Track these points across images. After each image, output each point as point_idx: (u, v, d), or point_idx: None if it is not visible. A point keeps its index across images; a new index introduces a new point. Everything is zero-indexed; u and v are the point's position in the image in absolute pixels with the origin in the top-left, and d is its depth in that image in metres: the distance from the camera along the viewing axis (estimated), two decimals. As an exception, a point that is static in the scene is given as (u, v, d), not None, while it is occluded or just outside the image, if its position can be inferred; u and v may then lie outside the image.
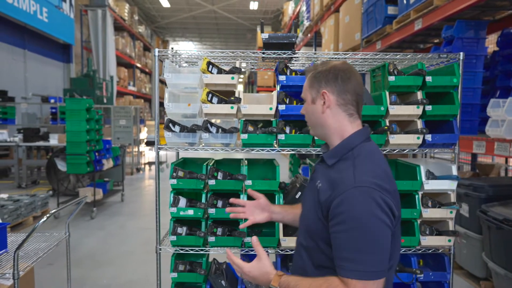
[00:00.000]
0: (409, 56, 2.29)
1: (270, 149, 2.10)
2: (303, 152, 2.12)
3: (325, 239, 1.13)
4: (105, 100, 10.77)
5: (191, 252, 2.15)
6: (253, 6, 18.23)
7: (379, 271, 1.04)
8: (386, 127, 2.05)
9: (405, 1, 4.55)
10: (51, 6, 10.89)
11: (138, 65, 16.57)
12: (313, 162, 2.47)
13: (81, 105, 5.31)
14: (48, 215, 2.09)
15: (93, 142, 5.53)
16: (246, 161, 2.26)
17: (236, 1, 17.68)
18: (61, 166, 5.93)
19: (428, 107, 2.08)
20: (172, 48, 2.34)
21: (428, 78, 2.08)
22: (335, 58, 2.35)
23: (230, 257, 1.21)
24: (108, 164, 6.04)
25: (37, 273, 3.42)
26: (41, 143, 7.29)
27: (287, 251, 2.15)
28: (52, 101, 9.02)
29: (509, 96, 3.78)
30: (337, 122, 1.19)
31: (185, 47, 27.13)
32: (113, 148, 6.45)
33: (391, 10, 5.02)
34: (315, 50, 9.44)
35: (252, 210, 1.57)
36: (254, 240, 1.22)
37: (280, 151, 2.11)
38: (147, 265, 3.58)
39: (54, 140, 7.22)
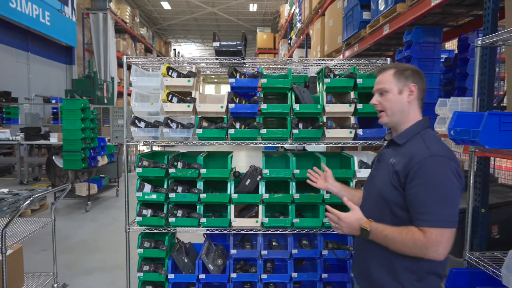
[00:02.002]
0: (353, 61, 2.60)
1: (223, 142, 2.43)
2: (252, 144, 2.45)
3: (399, 204, 1.38)
4: (105, 101, 11.17)
5: (156, 231, 2.49)
6: (253, 8, 18.58)
7: (452, 221, 1.28)
8: (321, 123, 2.37)
9: (376, 8, 4.85)
10: (53, 10, 11.32)
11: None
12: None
13: (77, 105, 5.68)
14: (32, 198, 2.45)
15: (88, 140, 5.90)
16: (205, 153, 2.59)
17: (236, 3, 18.03)
18: (59, 163, 6.30)
19: (359, 106, 2.39)
20: (145, 52, 2.67)
21: (359, 80, 2.39)
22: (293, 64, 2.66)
23: (330, 209, 1.52)
24: (103, 161, 6.41)
25: (31, 257, 3.79)
26: (41, 142, 7.68)
27: (238, 231, 2.48)
28: (54, 101, 9.43)
29: (465, 95, 4.09)
30: (413, 111, 1.47)
31: (187, 49, 27.56)
32: (108, 146, 6.82)
33: (366, 15, 5.31)
34: (307, 52, 9.75)
35: (319, 177, 1.94)
36: (345, 199, 1.55)
37: (231, 144, 2.44)
38: (133, 251, 3.92)
39: (54, 139, 7.61)
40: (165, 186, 2.48)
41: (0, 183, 7.85)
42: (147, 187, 2.46)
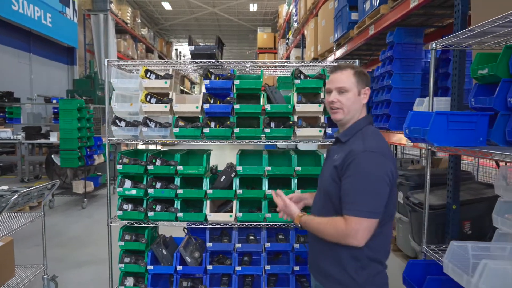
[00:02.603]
0: (327, 63, 2.71)
1: (199, 140, 2.55)
2: (226, 143, 2.57)
3: (337, 196, 1.49)
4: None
5: (136, 225, 2.62)
6: (253, 8, 18.69)
7: (372, 212, 1.38)
8: (292, 122, 2.49)
9: (362, 8, 4.95)
10: (54, 11, 11.53)
11: (141, 66, 17.16)
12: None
13: (73, 105, 5.85)
14: (17, 195, 2.59)
15: (84, 139, 6.07)
16: (185, 151, 2.72)
17: (236, 4, 18.14)
18: (58, 161, 6.48)
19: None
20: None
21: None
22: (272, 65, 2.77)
23: (280, 193, 1.71)
24: (99, 159, 6.58)
25: (25, 251, 3.96)
26: (41, 141, 7.87)
27: (213, 225, 2.61)
28: (54, 101, 9.62)
29: (448, 95, 4.18)
30: (363, 111, 1.60)
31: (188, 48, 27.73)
32: (105, 144, 6.98)
33: (354, 16, 5.40)
34: (302, 52, 9.85)
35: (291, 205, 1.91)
36: (279, 191, 1.73)
37: (206, 142, 2.56)
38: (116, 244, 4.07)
39: (53, 138, 7.79)
40: (144, 182, 2.61)
41: (2, 181, 8.06)
42: (128, 183, 2.60)
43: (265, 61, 2.70)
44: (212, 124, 2.55)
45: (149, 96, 2.51)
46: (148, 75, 2.52)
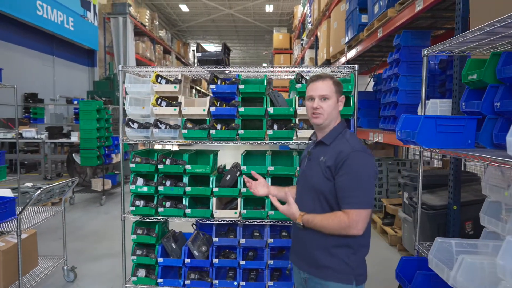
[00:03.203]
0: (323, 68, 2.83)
1: (206, 141, 2.72)
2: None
3: (332, 193, 1.62)
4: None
5: (147, 220, 2.81)
6: (269, 9, 18.82)
7: (368, 202, 1.56)
8: (293, 124, 2.62)
9: (371, 11, 5.01)
10: (76, 15, 11.98)
11: (158, 67, 17.55)
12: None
13: (92, 106, 6.13)
14: (40, 191, 2.82)
15: (103, 138, 6.35)
16: (193, 151, 2.89)
17: (252, 5, 18.31)
18: (78, 160, 6.80)
19: (328, 109, 2.62)
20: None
21: (328, 86, 2.62)
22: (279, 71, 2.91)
23: (272, 200, 1.78)
24: (117, 158, 6.86)
25: (48, 244, 4.22)
26: (63, 140, 8.25)
27: (219, 221, 2.76)
28: (75, 102, 10.03)
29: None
30: (338, 116, 1.77)
31: (206, 49, 28.06)
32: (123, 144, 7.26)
33: (364, 18, 5.47)
34: (316, 53, 9.90)
35: (258, 185, 2.03)
36: (288, 193, 1.78)
37: (213, 143, 2.72)
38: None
39: (74, 137, 8.15)
40: (155, 180, 2.79)
41: (27, 178, 8.48)
42: (140, 181, 2.79)
43: (267, 66, 2.84)
44: (219, 126, 2.71)
45: (159, 100, 2.69)
46: (159, 80, 2.70)
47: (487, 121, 1.87)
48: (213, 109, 2.66)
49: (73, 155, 7.09)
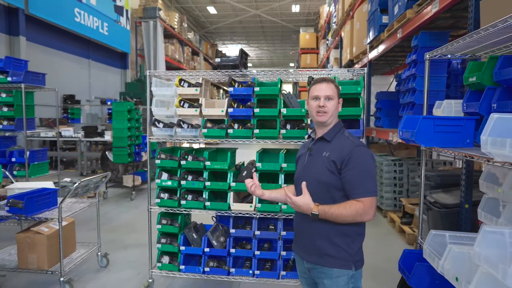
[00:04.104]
0: (334, 71, 2.98)
1: (224, 140, 2.94)
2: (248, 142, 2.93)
3: (336, 185, 1.78)
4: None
5: (171, 211, 3.08)
6: (295, 9, 18.89)
7: (375, 191, 1.74)
8: (305, 124, 2.79)
9: (391, 12, 5.06)
10: (110, 21, 12.64)
11: (186, 68, 18.12)
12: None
13: (124, 107, 6.55)
14: (76, 184, 3.15)
15: (133, 137, 6.76)
16: (213, 149, 3.13)
17: (278, 5, 18.46)
18: (111, 157, 7.27)
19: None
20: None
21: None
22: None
23: (287, 193, 1.88)
24: (146, 156, 7.26)
25: (85, 233, 4.61)
26: (97, 139, 8.80)
27: (236, 214, 2.98)
28: (109, 103, 10.62)
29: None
30: (337, 116, 1.94)
31: (233, 50, 28.50)
32: (152, 142, 7.67)
33: (385, 19, 5.52)
34: (341, 53, 9.93)
35: (257, 187, 2.10)
36: (304, 184, 1.86)
37: (230, 141, 2.95)
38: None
39: (107, 136, 8.67)
40: (178, 175, 3.05)
41: (65, 174, 9.10)
42: (164, 175, 3.06)
43: (281, 70, 3.02)
44: (236, 126, 2.93)
45: (182, 101, 2.95)
46: (182, 84, 2.95)
47: (484, 121, 1.96)
48: (230, 110, 2.89)
49: (106, 152, 7.58)
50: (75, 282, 3.35)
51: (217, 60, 2.90)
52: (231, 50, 28.94)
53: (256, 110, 2.87)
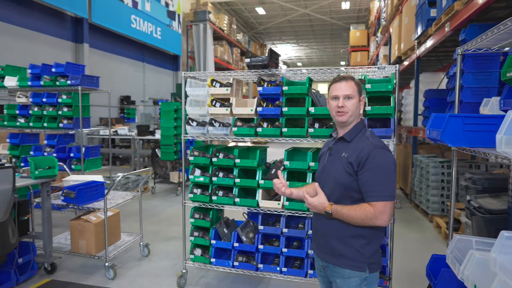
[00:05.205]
0: (361, 70, 2.92)
1: (251, 138, 3.01)
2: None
3: (353, 187, 1.75)
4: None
5: (203, 206, 3.22)
6: (345, 6, 18.41)
7: (391, 195, 1.68)
8: (333, 123, 2.77)
9: (439, 4, 4.78)
10: (163, 25, 13.34)
11: (235, 69, 18.50)
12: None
13: (171, 107, 6.91)
14: (120, 177, 3.41)
15: (179, 136, 7.10)
16: (245, 148, 3.21)
17: (328, 3, 18.14)
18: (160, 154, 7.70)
19: (368, 108, 2.71)
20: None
21: (368, 86, 2.71)
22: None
23: (304, 193, 1.93)
24: (191, 153, 7.58)
25: (131, 225, 4.96)
26: (149, 137, 9.34)
27: (265, 211, 3.04)
28: (160, 103, 11.22)
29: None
30: (359, 115, 1.91)
31: (282, 49, 28.51)
32: (196, 141, 7.99)
33: (433, 12, 5.23)
34: (390, 50, 9.53)
35: (284, 186, 2.10)
36: (317, 184, 1.94)
37: (255, 140, 3.01)
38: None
39: (158, 135, 9.17)
40: (210, 172, 3.18)
41: (120, 169, 9.80)
42: (197, 172, 3.21)
43: (309, 68, 3.01)
44: (265, 124, 2.98)
45: (214, 101, 3.07)
46: (213, 84, 3.08)
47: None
48: (259, 109, 2.95)
49: (156, 150, 8.03)
50: (118, 268, 3.64)
51: (247, 60, 2.98)
52: (280, 50, 28.97)
53: (285, 109, 2.89)
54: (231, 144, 12.66)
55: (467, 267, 1.54)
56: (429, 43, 5.44)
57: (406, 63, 7.24)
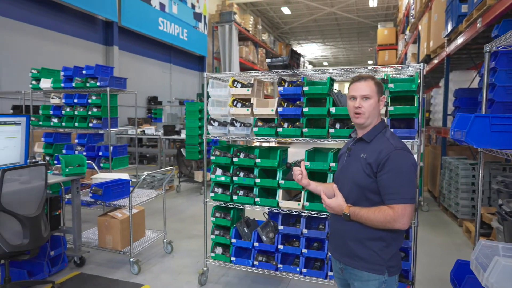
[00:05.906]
0: (383, 68, 2.85)
1: (274, 138, 3.02)
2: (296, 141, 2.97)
3: (371, 189, 1.72)
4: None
5: (224, 205, 3.26)
6: (373, 3, 18.01)
7: (412, 198, 1.65)
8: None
9: (471, 0, 4.59)
10: (190, 27, 13.57)
11: (261, 69, 18.52)
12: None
13: (195, 107, 7.02)
14: (144, 176, 3.52)
15: (203, 135, 7.20)
16: (266, 148, 3.23)
17: (354, 1, 17.83)
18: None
19: (390, 108, 2.65)
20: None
21: (391, 85, 2.65)
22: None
23: (322, 195, 1.91)
24: (215, 153, 7.67)
25: (155, 223, 5.08)
26: (175, 137, 9.54)
27: (285, 211, 3.04)
28: (186, 103, 11.43)
29: None
30: (379, 115, 1.87)
31: (308, 49, 28.28)
32: (220, 141, 8.08)
33: (464, 8, 5.04)
34: (419, 48, 9.24)
35: (304, 177, 2.11)
36: (335, 186, 1.93)
37: (280, 140, 3.01)
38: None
39: (183, 135, 9.34)
40: (231, 171, 3.21)
41: (147, 168, 10.08)
42: (219, 171, 3.25)
43: (330, 68, 2.98)
44: (285, 125, 2.98)
45: (235, 101, 3.10)
46: (235, 84, 3.11)
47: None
48: (280, 109, 2.95)
49: (181, 149, 8.18)
50: (142, 263, 3.75)
51: (268, 60, 2.98)
52: (306, 49, 28.75)
53: (305, 109, 2.88)
54: (255, 144, 12.69)
55: (491, 274, 1.47)
56: (460, 40, 5.24)
57: (435, 61, 7.00)
